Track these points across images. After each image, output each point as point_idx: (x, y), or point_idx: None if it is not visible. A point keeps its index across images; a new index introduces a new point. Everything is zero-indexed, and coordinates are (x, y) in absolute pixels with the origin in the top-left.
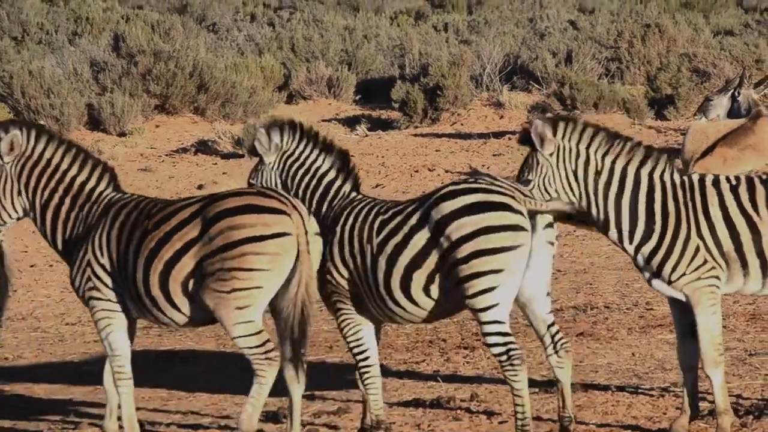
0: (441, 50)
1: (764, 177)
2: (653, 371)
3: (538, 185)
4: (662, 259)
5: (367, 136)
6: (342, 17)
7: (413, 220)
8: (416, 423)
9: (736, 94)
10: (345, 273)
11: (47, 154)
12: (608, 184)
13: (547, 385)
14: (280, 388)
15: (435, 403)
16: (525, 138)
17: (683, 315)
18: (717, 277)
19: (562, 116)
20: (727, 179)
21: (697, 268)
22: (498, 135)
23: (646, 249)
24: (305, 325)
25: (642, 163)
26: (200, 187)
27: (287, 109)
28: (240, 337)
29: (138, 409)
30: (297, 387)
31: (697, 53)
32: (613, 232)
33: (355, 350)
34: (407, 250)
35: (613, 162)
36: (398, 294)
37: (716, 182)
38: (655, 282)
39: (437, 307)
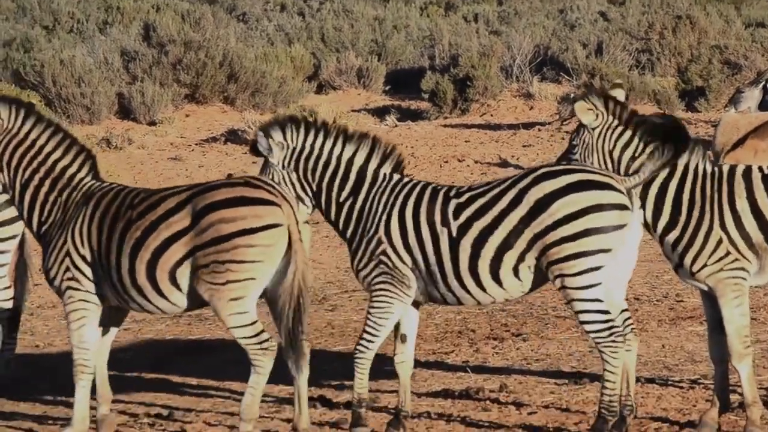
0: (471, 41)
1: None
2: (683, 363)
3: (580, 153)
4: (684, 250)
5: (396, 126)
6: (372, 7)
7: (503, 203)
8: (445, 413)
9: None
10: (406, 256)
11: (33, 135)
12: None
13: (576, 377)
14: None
15: (464, 393)
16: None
17: (714, 307)
18: (742, 269)
19: (606, 91)
20: (760, 169)
21: (719, 260)
22: (528, 126)
23: (670, 238)
24: (302, 313)
25: (677, 152)
26: (229, 176)
27: (317, 99)
28: (235, 327)
29: (167, 398)
30: (301, 374)
31: (729, 45)
32: (648, 216)
33: (371, 329)
34: (498, 231)
35: (646, 142)
36: (484, 276)
37: (747, 173)
38: (680, 272)
39: (520, 288)
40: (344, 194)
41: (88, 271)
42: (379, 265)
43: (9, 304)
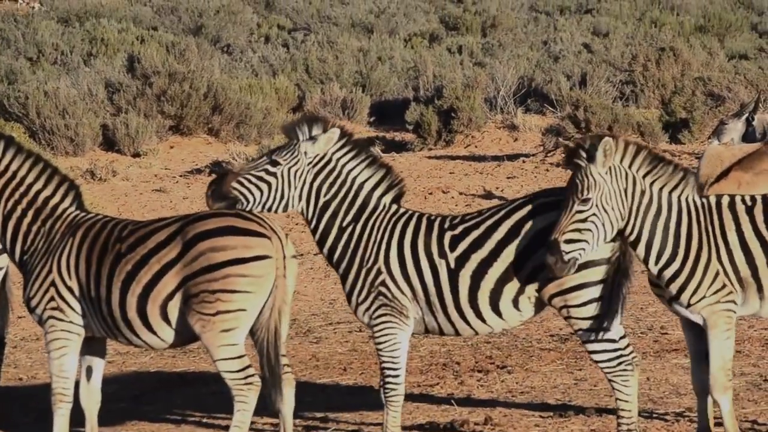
0: (455, 72)
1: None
2: (668, 396)
3: (596, 204)
4: (684, 282)
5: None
6: (356, 39)
7: (499, 234)
8: None
9: (751, 118)
10: (406, 287)
11: (13, 166)
12: (649, 204)
13: (561, 410)
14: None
15: (449, 426)
16: (574, 154)
17: (697, 339)
18: (734, 302)
19: (622, 137)
20: (743, 200)
21: (716, 292)
22: (512, 158)
23: (669, 271)
24: (278, 348)
25: (676, 186)
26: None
27: None
28: (222, 359)
29: (147, 428)
30: (285, 406)
31: (712, 77)
32: (641, 250)
33: (389, 365)
34: (497, 263)
35: (652, 184)
36: (484, 307)
37: (732, 204)
38: (675, 303)
39: (519, 318)
40: (348, 219)
41: (73, 302)
42: (378, 297)
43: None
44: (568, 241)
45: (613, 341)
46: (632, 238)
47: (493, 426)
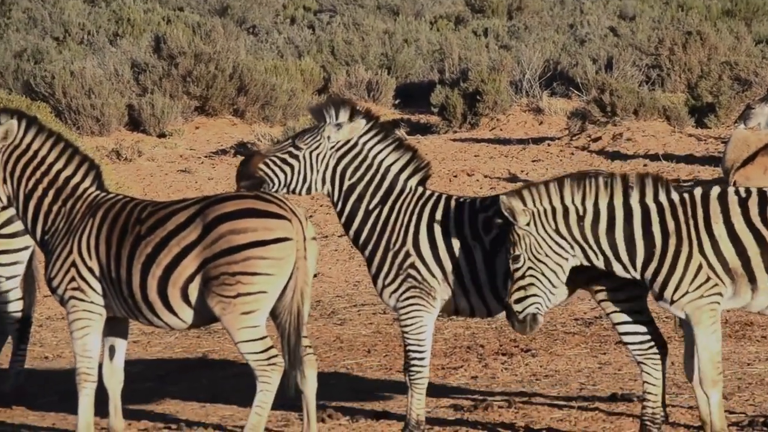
0: (481, 55)
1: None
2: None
3: (528, 258)
4: (665, 280)
5: (406, 140)
6: (382, 21)
7: None
8: (454, 430)
9: None
10: (436, 269)
11: (34, 146)
12: (595, 224)
13: (584, 394)
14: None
15: (473, 409)
16: (499, 216)
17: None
18: (720, 294)
19: (525, 184)
20: (737, 192)
21: (699, 286)
22: (537, 141)
23: (649, 272)
24: (300, 330)
25: (626, 193)
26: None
27: None
28: (244, 341)
29: (175, 411)
30: (308, 388)
31: (739, 61)
32: (617, 267)
33: (415, 348)
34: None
35: (594, 203)
36: None
37: (722, 196)
38: (660, 302)
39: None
40: (374, 202)
41: (94, 282)
42: (407, 279)
43: (19, 315)
44: (518, 301)
45: (645, 324)
46: (601, 260)
47: (516, 409)
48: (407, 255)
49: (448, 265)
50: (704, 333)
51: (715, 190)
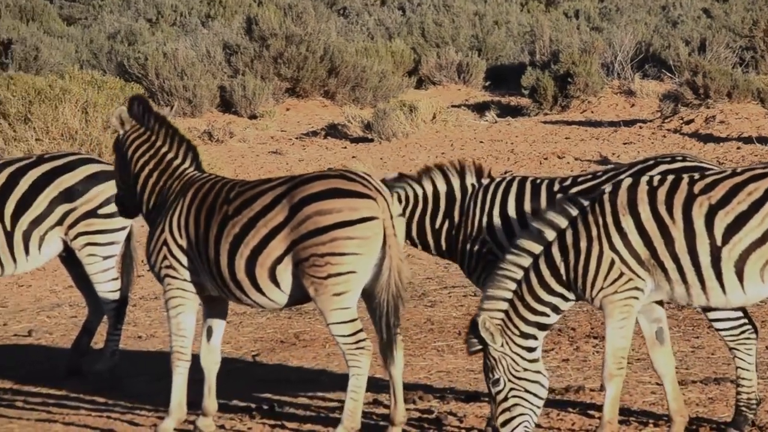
0: (572, 37)
1: (696, 176)
2: None
3: (508, 379)
4: (582, 279)
5: (496, 122)
6: (472, 3)
7: None
8: (545, 412)
9: None
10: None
11: (148, 130)
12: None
13: (678, 377)
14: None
15: (564, 392)
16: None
17: (648, 325)
18: (636, 288)
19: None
20: (649, 182)
21: (613, 282)
22: (629, 123)
23: (571, 275)
24: (399, 308)
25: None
26: (329, 170)
27: (416, 94)
28: (335, 323)
29: (266, 392)
30: (396, 368)
31: None
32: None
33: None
34: None
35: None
36: None
37: (631, 187)
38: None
39: None
40: (438, 221)
41: (185, 260)
42: (489, 263)
43: (116, 296)
44: (504, 424)
45: (737, 309)
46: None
47: None
48: (484, 242)
49: None
50: (612, 327)
51: (626, 181)
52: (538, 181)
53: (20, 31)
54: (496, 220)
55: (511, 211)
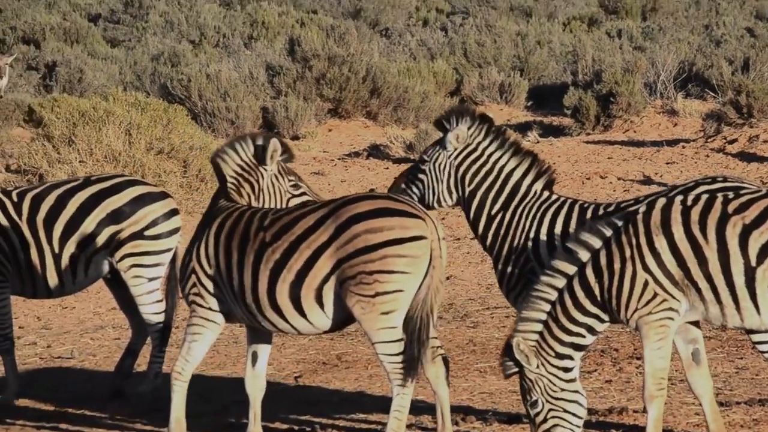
0: (614, 57)
1: (731, 195)
2: None
3: (546, 400)
4: (616, 301)
5: (538, 142)
6: (514, 23)
7: None
8: None
9: None
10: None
11: None
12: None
13: (721, 399)
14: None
15: (607, 413)
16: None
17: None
18: (671, 309)
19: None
20: (683, 201)
21: (647, 303)
22: (671, 143)
23: (606, 296)
24: (430, 328)
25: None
26: (371, 191)
27: None
28: (381, 342)
29: (308, 412)
30: (441, 388)
31: None
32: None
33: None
34: None
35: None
36: None
37: (665, 207)
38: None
39: None
40: (496, 207)
41: (213, 288)
42: (528, 284)
43: (161, 318)
44: None
45: None
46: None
47: None
48: (527, 260)
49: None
50: (649, 348)
51: (660, 201)
52: (585, 205)
53: (65, 54)
54: (543, 239)
55: (558, 232)
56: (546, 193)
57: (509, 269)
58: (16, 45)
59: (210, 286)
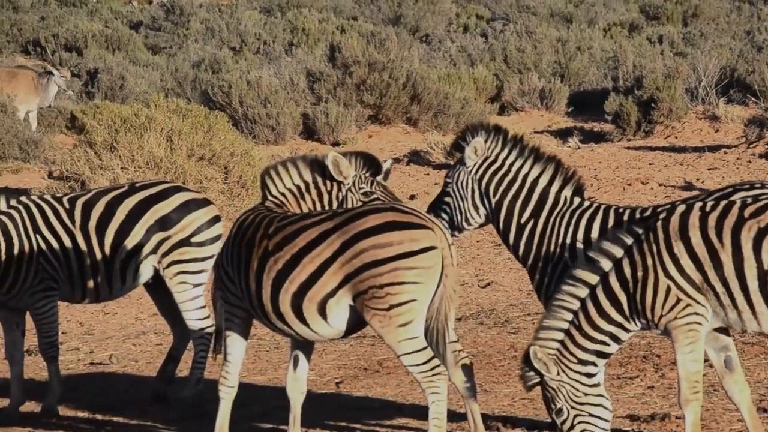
0: (655, 62)
1: (749, 200)
2: None
3: (571, 407)
4: (641, 307)
5: (579, 148)
6: (555, 29)
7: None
8: None
9: None
10: None
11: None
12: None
13: (763, 406)
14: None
15: (650, 419)
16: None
17: (717, 354)
18: (697, 314)
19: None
20: (702, 207)
21: (672, 308)
22: (713, 149)
23: (631, 302)
24: (447, 335)
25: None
26: (412, 197)
27: (499, 121)
28: (406, 354)
29: (348, 419)
30: (470, 395)
31: None
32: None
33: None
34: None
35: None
36: None
37: (684, 213)
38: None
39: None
40: (525, 216)
41: (233, 287)
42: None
43: (204, 324)
44: None
45: None
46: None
47: None
48: (565, 266)
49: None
50: (681, 353)
51: (680, 208)
52: (621, 210)
53: (106, 61)
54: (580, 244)
55: (595, 238)
56: (577, 200)
57: (546, 278)
58: (58, 52)
59: (230, 285)
